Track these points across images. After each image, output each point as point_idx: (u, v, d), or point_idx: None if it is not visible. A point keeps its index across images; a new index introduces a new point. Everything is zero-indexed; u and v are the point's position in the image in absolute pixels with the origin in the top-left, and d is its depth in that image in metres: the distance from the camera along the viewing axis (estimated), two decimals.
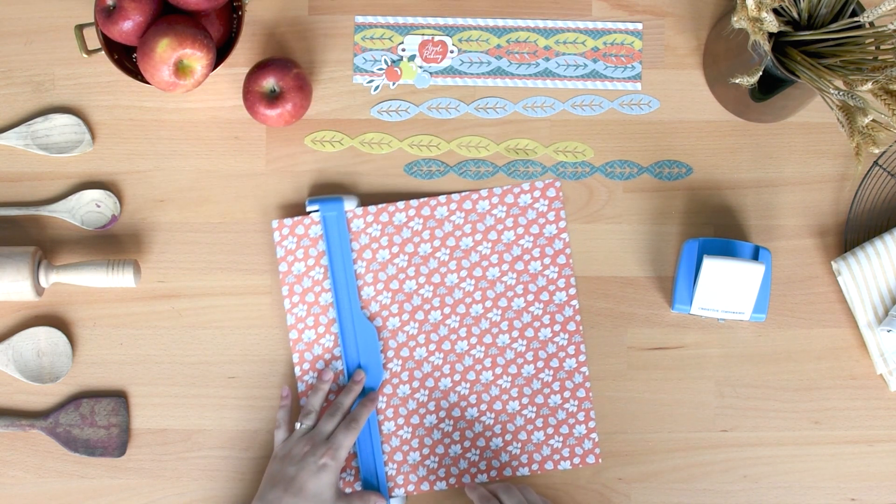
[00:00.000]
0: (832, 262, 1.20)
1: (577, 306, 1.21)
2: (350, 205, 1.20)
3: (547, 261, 1.21)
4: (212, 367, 1.21)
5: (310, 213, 1.21)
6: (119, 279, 1.17)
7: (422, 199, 1.21)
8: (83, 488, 1.20)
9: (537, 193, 1.22)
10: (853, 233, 1.22)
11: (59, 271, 1.17)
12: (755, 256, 1.17)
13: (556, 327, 1.20)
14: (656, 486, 1.20)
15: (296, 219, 1.20)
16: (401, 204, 1.21)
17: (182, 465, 1.20)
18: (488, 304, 1.21)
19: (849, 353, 1.21)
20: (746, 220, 1.22)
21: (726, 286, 1.15)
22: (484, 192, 1.22)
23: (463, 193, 1.21)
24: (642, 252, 1.22)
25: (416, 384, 1.20)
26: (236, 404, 1.21)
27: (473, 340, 1.20)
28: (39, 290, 1.19)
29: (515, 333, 1.20)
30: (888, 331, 1.18)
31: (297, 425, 1.15)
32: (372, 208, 1.21)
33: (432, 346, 1.20)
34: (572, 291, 1.21)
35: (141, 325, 1.21)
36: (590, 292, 1.21)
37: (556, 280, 1.21)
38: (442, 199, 1.21)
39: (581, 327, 1.20)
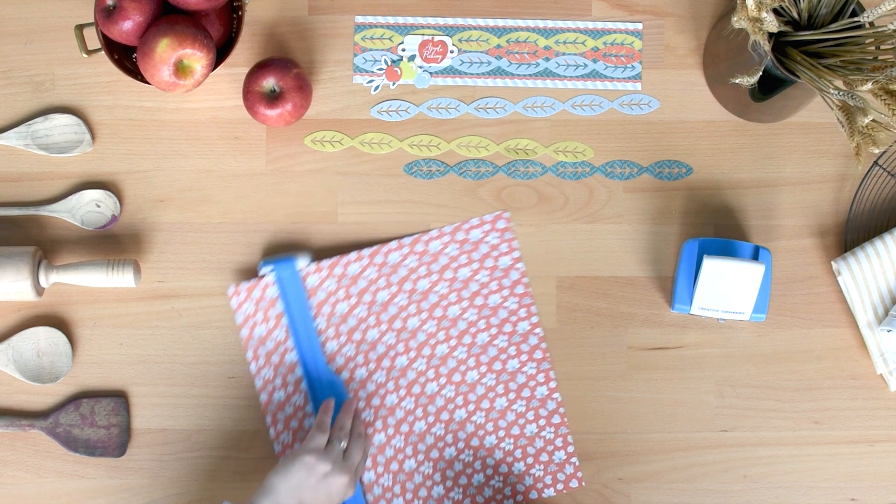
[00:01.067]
0: (832, 262, 1.20)
1: (541, 334, 1.20)
2: (303, 262, 1.19)
3: (506, 292, 1.20)
4: (212, 367, 1.21)
5: (263, 275, 1.20)
6: (119, 279, 1.17)
7: (373, 248, 1.20)
8: (83, 488, 1.20)
9: (487, 227, 1.21)
10: (853, 233, 1.22)
11: (59, 271, 1.17)
12: (755, 256, 1.17)
13: (524, 357, 1.20)
14: (656, 486, 1.20)
15: (251, 282, 1.19)
16: (353, 255, 1.20)
17: (182, 465, 1.20)
18: (453, 342, 1.20)
19: (849, 353, 1.21)
20: (746, 220, 1.22)
21: (726, 286, 1.15)
22: (434, 232, 1.21)
23: (413, 236, 1.21)
24: (642, 252, 1.22)
25: (390, 430, 1.19)
26: (236, 404, 1.21)
27: (443, 381, 1.20)
28: (39, 290, 1.19)
29: (483, 368, 1.20)
30: (888, 331, 1.18)
31: (337, 443, 1.12)
32: (325, 262, 1.20)
33: (402, 392, 1.20)
34: (535, 320, 1.20)
35: (141, 325, 1.21)
36: (590, 292, 1.21)
37: (516, 310, 1.20)
38: (393, 244, 1.21)
39: (548, 354, 1.20)
